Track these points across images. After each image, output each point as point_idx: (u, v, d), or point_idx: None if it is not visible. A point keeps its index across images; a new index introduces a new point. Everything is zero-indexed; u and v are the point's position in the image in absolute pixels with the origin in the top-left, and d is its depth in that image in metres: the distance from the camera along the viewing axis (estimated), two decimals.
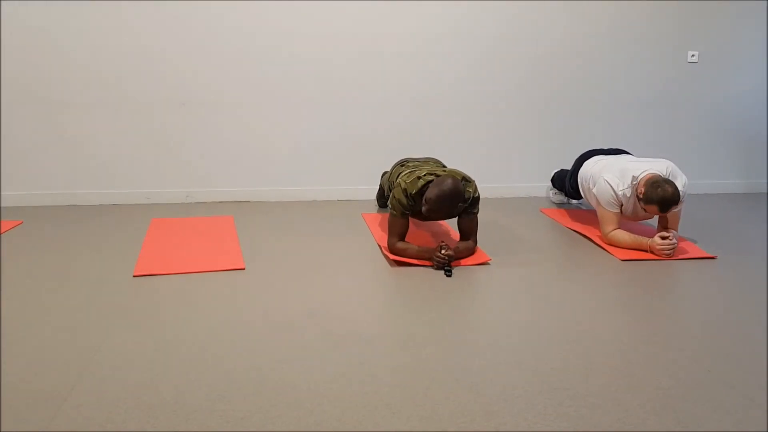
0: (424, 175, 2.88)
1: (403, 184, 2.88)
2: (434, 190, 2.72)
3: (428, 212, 2.77)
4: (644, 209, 3.04)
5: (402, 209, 2.88)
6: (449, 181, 2.72)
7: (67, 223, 3.54)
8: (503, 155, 4.36)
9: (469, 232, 2.97)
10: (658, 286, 2.66)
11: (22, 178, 3.90)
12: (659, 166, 3.09)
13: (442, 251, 2.78)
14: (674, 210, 3.06)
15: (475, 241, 2.99)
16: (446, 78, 4.16)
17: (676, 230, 3.18)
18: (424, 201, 2.78)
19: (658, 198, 2.91)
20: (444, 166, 3.24)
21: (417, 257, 2.86)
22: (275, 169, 4.13)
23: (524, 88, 4.27)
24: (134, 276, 2.67)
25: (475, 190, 2.92)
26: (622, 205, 3.15)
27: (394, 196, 2.90)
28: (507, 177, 4.40)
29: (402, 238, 2.93)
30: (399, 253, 2.89)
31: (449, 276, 2.72)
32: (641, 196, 2.99)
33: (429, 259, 2.84)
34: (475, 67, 4.17)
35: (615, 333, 2.17)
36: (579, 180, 3.54)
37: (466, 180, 2.92)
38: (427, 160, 3.31)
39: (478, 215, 2.97)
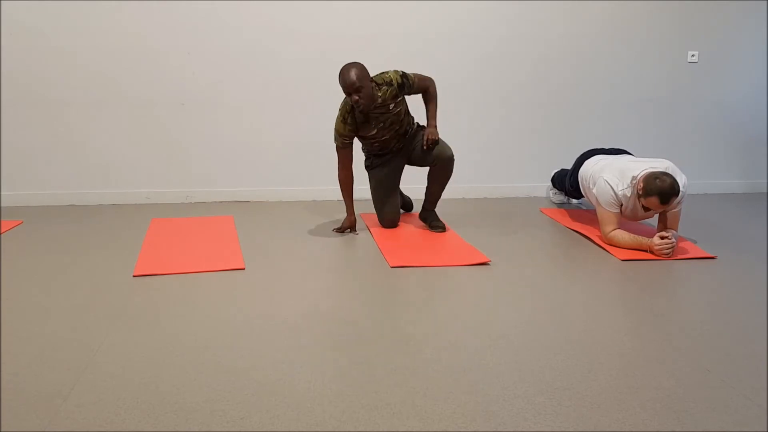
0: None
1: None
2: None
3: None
4: (644, 206, 3.03)
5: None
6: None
7: (67, 223, 3.54)
8: (503, 155, 4.36)
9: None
10: (658, 286, 2.66)
11: (22, 178, 3.90)
12: (659, 166, 3.09)
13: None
14: (674, 207, 3.06)
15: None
16: (446, 78, 4.14)
17: (676, 230, 3.18)
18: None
19: (657, 189, 2.91)
20: None
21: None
22: (275, 169, 4.13)
23: (524, 88, 4.26)
24: (134, 276, 2.67)
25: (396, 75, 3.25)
26: (621, 205, 3.15)
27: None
28: (507, 177, 4.40)
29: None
30: None
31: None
32: (641, 192, 2.99)
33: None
34: (475, 67, 4.17)
35: (615, 333, 2.17)
36: (579, 179, 3.55)
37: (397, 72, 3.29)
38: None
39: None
